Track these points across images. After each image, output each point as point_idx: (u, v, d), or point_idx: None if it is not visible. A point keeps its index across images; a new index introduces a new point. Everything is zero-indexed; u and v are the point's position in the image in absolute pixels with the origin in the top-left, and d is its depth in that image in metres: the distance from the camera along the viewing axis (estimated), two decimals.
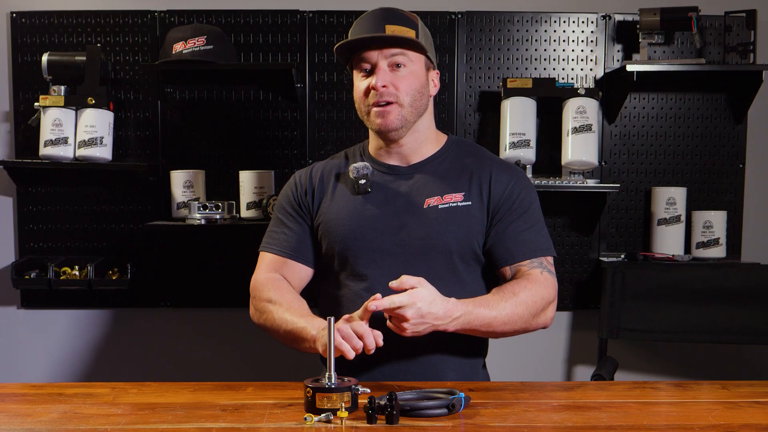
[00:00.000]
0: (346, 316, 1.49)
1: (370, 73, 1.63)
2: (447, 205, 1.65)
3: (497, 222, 1.66)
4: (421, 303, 1.43)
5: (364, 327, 1.42)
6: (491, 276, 1.72)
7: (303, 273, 1.73)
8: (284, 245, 1.72)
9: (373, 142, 1.74)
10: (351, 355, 1.39)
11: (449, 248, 1.63)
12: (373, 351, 1.41)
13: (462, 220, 1.64)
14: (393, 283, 1.46)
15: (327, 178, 1.74)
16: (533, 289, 1.60)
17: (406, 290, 1.45)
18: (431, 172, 1.70)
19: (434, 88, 1.71)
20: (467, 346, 1.68)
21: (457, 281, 1.64)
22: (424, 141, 1.71)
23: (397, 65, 1.62)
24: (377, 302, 1.43)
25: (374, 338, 1.41)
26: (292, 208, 1.74)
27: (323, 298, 1.76)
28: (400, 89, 1.62)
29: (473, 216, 1.65)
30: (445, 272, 1.63)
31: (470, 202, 1.66)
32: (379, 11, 1.65)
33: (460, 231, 1.64)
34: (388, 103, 1.62)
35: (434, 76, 1.71)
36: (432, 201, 1.65)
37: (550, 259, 1.68)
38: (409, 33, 1.63)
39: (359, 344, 1.40)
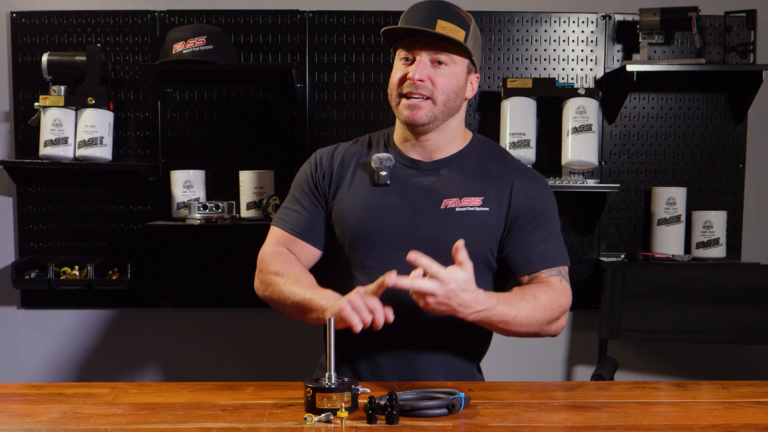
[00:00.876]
0: (360, 288, 1.45)
1: (410, 62, 1.60)
2: (464, 209, 1.63)
3: (516, 230, 1.64)
4: (455, 284, 1.41)
5: (375, 302, 1.40)
6: (502, 282, 1.70)
7: (311, 253, 1.71)
8: (296, 224, 1.70)
9: (399, 132, 1.71)
10: (359, 327, 1.38)
11: None
12: (381, 327, 1.40)
13: (478, 226, 1.62)
14: (458, 243, 1.42)
15: (348, 163, 1.71)
16: (553, 295, 1.58)
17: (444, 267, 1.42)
18: (453, 171, 1.67)
19: (471, 91, 1.68)
20: (464, 349, 1.69)
21: None
22: (451, 140, 1.68)
23: (439, 62, 1.59)
24: (395, 279, 1.40)
25: (384, 314, 1.40)
26: (308, 188, 1.72)
27: (328, 286, 1.74)
28: (436, 86, 1.59)
29: (490, 223, 1.63)
30: None
31: (488, 208, 1.63)
32: (434, 3, 1.60)
33: (475, 237, 1.61)
34: (422, 98, 1.59)
35: (474, 79, 1.68)
36: (450, 202, 1.63)
37: (566, 268, 1.67)
38: (460, 33, 1.58)
39: (368, 318, 1.39)
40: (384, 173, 1.64)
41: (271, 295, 1.63)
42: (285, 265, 1.63)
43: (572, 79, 2.65)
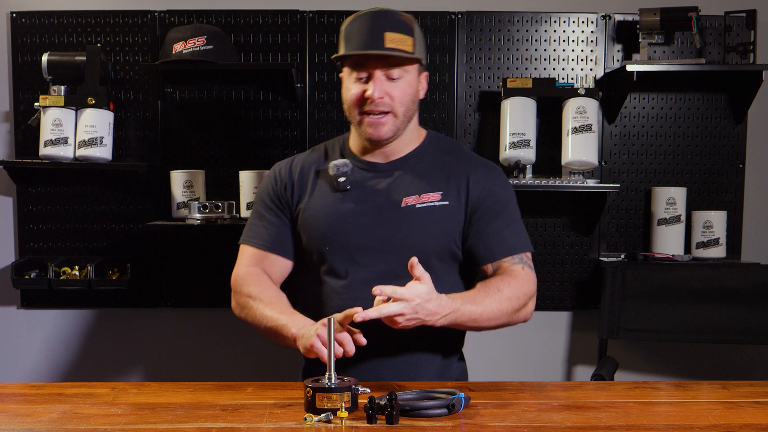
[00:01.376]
0: (324, 320, 1.46)
1: (365, 80, 1.63)
2: (424, 205, 1.66)
3: (476, 221, 1.67)
4: (419, 300, 1.44)
5: (343, 334, 1.43)
6: (469, 273, 1.74)
7: (283, 266, 1.74)
8: (264, 239, 1.73)
9: (356, 141, 1.74)
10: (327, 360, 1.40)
11: (426, 248, 1.64)
12: (352, 354, 1.43)
13: (439, 220, 1.65)
14: (412, 261, 1.46)
15: (307, 172, 1.75)
16: (516, 285, 1.62)
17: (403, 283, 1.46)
18: (410, 169, 1.71)
19: (423, 90, 1.72)
20: (444, 343, 1.71)
21: (435, 279, 1.64)
22: (407, 141, 1.73)
23: (393, 76, 1.63)
24: (363, 314, 1.42)
25: (356, 340, 1.44)
26: (271, 201, 1.75)
27: (303, 292, 1.77)
28: (395, 99, 1.63)
29: (451, 216, 1.66)
30: None
31: (448, 202, 1.67)
32: (376, 15, 1.64)
33: (438, 231, 1.65)
34: (382, 113, 1.63)
35: (423, 78, 1.72)
36: (410, 200, 1.66)
37: (529, 254, 1.70)
38: (407, 41, 1.62)
39: (339, 350, 1.41)
40: (342, 179, 1.68)
41: (246, 317, 1.66)
42: (258, 288, 1.66)
43: (572, 79, 2.65)
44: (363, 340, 1.45)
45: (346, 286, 1.65)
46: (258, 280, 1.68)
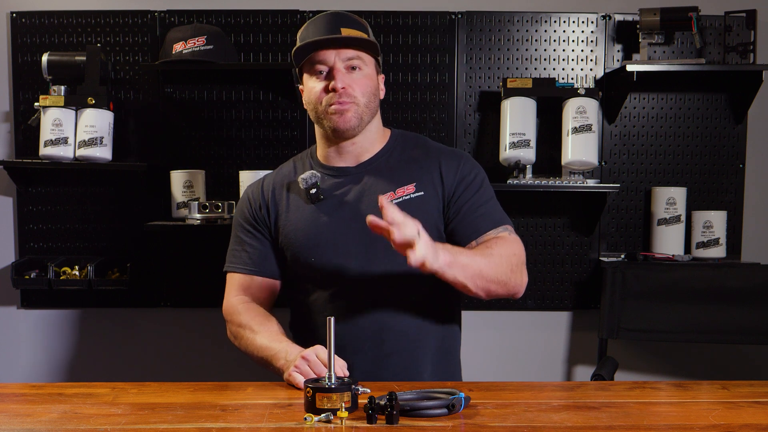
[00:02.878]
0: (305, 351, 1.48)
1: (326, 75, 1.66)
2: (401, 199, 1.67)
3: (455, 203, 1.69)
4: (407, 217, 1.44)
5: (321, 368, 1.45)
6: None
7: (271, 287, 1.77)
8: (248, 263, 1.75)
9: (322, 147, 1.76)
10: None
11: None
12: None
13: (418, 211, 1.65)
14: (382, 200, 1.44)
15: (279, 190, 1.76)
16: (505, 245, 1.64)
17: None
18: (380, 168, 1.72)
19: (382, 92, 1.76)
20: (442, 339, 1.73)
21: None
22: (373, 140, 1.74)
23: (353, 68, 1.66)
24: (372, 219, 1.43)
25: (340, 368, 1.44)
26: (249, 224, 1.76)
27: (294, 304, 1.79)
28: (356, 90, 1.65)
29: (429, 205, 1.68)
30: (409, 267, 1.64)
31: (423, 192, 1.69)
32: (331, 15, 1.69)
33: (419, 221, 1.63)
34: (347, 102, 1.65)
35: (381, 80, 1.75)
36: (385, 197, 1.66)
37: (510, 227, 1.72)
38: (363, 36, 1.66)
39: (323, 372, 1.43)
40: (314, 191, 1.69)
41: (240, 346, 1.72)
42: (247, 316, 1.69)
43: (572, 79, 2.65)
44: (344, 371, 1.45)
45: (336, 294, 1.67)
46: (247, 308, 1.71)
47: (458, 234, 1.69)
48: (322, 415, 1.26)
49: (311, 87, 1.68)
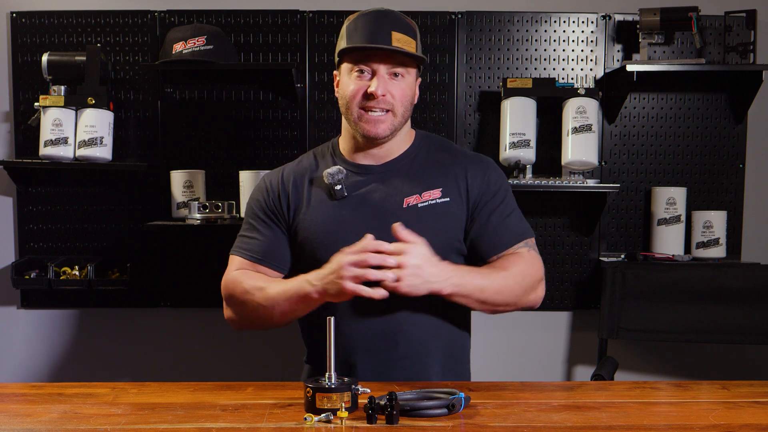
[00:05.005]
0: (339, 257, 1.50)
1: (366, 75, 1.62)
2: (426, 203, 1.66)
3: (479, 214, 1.68)
4: (418, 252, 1.48)
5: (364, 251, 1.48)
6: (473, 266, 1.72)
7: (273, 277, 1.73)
8: (254, 250, 1.71)
9: (347, 143, 1.73)
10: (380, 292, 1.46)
11: (432, 246, 1.62)
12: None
13: (442, 217, 1.65)
14: (395, 226, 1.50)
15: (300, 182, 1.72)
16: (522, 264, 1.64)
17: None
18: (405, 169, 1.70)
19: (416, 96, 1.72)
20: (453, 344, 1.72)
21: None
22: (400, 141, 1.72)
23: (395, 74, 1.63)
24: (374, 245, 1.48)
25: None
26: (264, 213, 1.73)
27: None
28: (396, 98, 1.63)
29: (453, 212, 1.67)
30: None
31: (449, 198, 1.67)
32: (382, 13, 1.64)
33: (442, 228, 1.65)
34: (383, 111, 1.62)
35: (418, 84, 1.72)
36: (411, 200, 1.66)
37: (532, 240, 1.71)
38: (412, 43, 1.63)
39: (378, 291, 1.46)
40: (339, 187, 1.66)
41: (252, 315, 1.65)
42: (251, 282, 1.65)
43: (572, 79, 2.65)
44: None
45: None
46: (248, 275, 1.67)
47: (479, 247, 1.68)
48: (322, 415, 1.26)
49: (348, 82, 1.64)
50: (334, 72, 1.71)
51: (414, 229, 1.61)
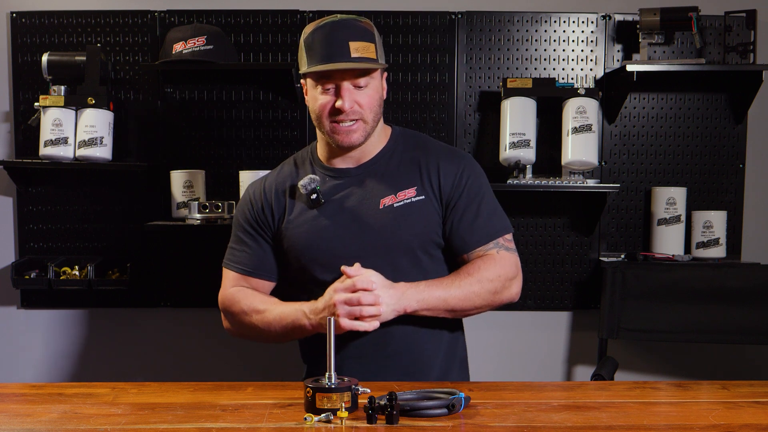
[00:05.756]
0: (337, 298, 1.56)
1: (332, 91, 1.63)
2: (402, 203, 1.67)
3: (451, 211, 1.69)
4: (377, 282, 1.55)
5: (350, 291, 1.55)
6: (454, 262, 1.74)
7: (265, 287, 1.77)
8: (245, 263, 1.76)
9: (323, 149, 1.75)
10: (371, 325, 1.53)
11: (410, 245, 1.66)
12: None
13: (419, 215, 1.66)
14: (346, 269, 1.57)
15: (281, 192, 1.75)
16: (488, 267, 1.65)
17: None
18: (381, 170, 1.72)
19: (384, 91, 1.73)
20: (447, 344, 1.74)
21: (422, 274, 1.68)
22: (375, 142, 1.73)
23: (361, 85, 1.64)
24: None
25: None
26: (249, 226, 1.76)
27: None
28: (364, 107, 1.64)
29: (429, 209, 1.68)
30: (409, 268, 1.67)
31: (423, 196, 1.68)
32: (337, 24, 1.63)
33: (419, 226, 1.67)
34: (353, 121, 1.64)
35: (384, 79, 1.72)
36: (387, 200, 1.68)
37: (508, 236, 1.72)
38: (370, 48, 1.63)
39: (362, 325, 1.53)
40: (314, 196, 1.69)
41: (250, 333, 1.72)
42: (248, 302, 1.70)
43: (572, 79, 2.65)
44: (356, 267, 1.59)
45: None
46: (245, 294, 1.72)
47: (451, 245, 1.70)
48: (322, 415, 1.26)
49: (316, 97, 1.66)
50: (301, 81, 1.72)
51: (391, 230, 1.65)
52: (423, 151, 1.75)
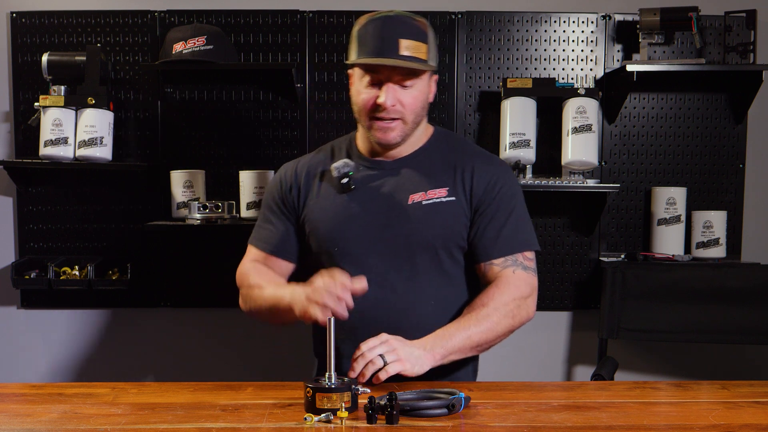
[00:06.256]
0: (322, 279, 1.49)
1: (377, 83, 1.61)
2: (431, 201, 1.66)
3: (479, 217, 1.67)
4: (395, 342, 1.50)
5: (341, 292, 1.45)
6: (472, 268, 1.73)
7: (285, 268, 1.77)
8: (268, 242, 1.76)
9: (364, 140, 1.74)
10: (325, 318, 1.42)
11: (433, 244, 1.65)
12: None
13: (446, 216, 1.65)
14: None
15: (312, 174, 1.75)
16: (502, 292, 1.62)
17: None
18: (416, 166, 1.70)
19: (432, 94, 1.71)
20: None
21: (443, 275, 1.67)
22: (415, 140, 1.72)
23: (406, 85, 1.61)
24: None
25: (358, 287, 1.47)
26: (276, 205, 1.77)
27: None
28: (406, 106, 1.62)
29: (457, 211, 1.67)
30: (429, 267, 1.66)
31: (454, 198, 1.67)
32: (391, 20, 1.61)
33: (444, 227, 1.65)
34: (392, 119, 1.62)
35: (433, 82, 1.71)
36: (416, 197, 1.66)
37: (529, 254, 1.69)
38: (422, 48, 1.60)
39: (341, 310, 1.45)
40: (345, 180, 1.67)
41: (251, 307, 1.70)
42: (259, 277, 1.70)
43: (572, 79, 2.65)
44: (363, 284, 1.48)
45: None
46: (259, 271, 1.72)
47: (474, 250, 1.68)
48: (322, 415, 1.26)
49: (359, 90, 1.64)
50: (349, 71, 1.70)
51: (415, 226, 1.64)
52: (461, 153, 1.73)
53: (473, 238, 1.68)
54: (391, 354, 1.47)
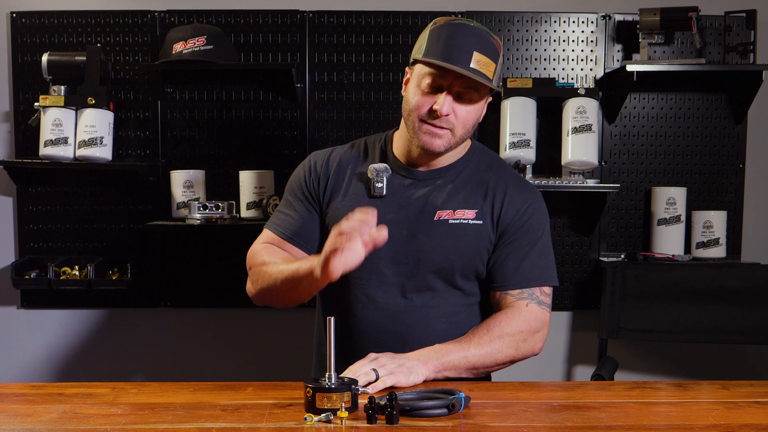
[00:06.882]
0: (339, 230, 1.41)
1: (437, 88, 1.57)
2: (458, 221, 1.63)
3: (502, 244, 1.64)
4: (387, 357, 1.49)
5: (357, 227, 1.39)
6: (487, 293, 1.70)
7: (300, 257, 1.70)
8: (286, 227, 1.70)
9: (403, 144, 1.69)
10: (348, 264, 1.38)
11: (452, 265, 1.62)
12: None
13: (470, 239, 1.62)
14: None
15: (344, 170, 1.71)
16: (509, 322, 1.59)
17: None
18: (449, 181, 1.67)
19: (482, 115, 1.66)
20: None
21: (457, 294, 1.65)
22: (453, 154, 1.69)
23: (465, 96, 1.58)
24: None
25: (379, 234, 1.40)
26: (301, 192, 1.72)
27: (325, 297, 1.75)
28: (459, 119, 1.58)
29: (482, 235, 1.64)
30: (445, 285, 1.64)
31: (481, 222, 1.64)
32: (469, 29, 1.56)
33: (466, 250, 1.62)
34: (443, 128, 1.58)
35: (486, 103, 1.66)
36: (443, 214, 1.63)
37: (547, 289, 1.66)
38: (491, 66, 1.56)
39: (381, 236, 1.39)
40: (380, 185, 1.64)
41: (263, 285, 1.62)
42: (271, 256, 1.64)
43: (572, 79, 2.65)
44: (384, 233, 1.41)
45: (369, 296, 1.64)
46: (270, 251, 1.67)
47: (491, 276, 1.65)
48: (322, 415, 1.25)
49: (416, 90, 1.59)
50: (406, 68, 1.66)
51: (439, 243, 1.61)
52: (495, 173, 1.69)
53: (493, 264, 1.65)
54: (382, 369, 1.46)
